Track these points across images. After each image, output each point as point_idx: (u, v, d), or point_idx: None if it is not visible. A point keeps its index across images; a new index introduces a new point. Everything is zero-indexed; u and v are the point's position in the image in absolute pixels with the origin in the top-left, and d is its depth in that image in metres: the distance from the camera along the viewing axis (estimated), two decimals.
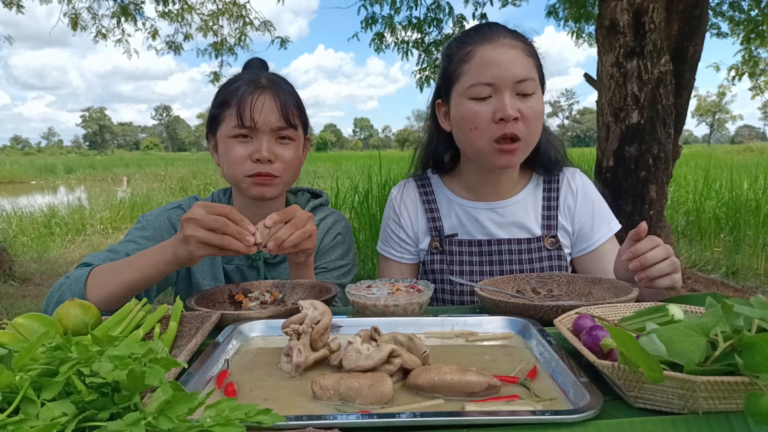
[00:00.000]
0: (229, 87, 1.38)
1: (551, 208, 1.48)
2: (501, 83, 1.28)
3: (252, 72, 1.43)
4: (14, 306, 4.66)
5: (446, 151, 1.54)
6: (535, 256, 1.44)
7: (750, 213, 6.61)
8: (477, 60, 1.31)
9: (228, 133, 1.36)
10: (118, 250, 1.34)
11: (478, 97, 1.30)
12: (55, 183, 23.41)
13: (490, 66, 1.29)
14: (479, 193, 1.48)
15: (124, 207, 9.84)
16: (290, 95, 1.39)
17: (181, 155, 63.66)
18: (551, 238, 1.45)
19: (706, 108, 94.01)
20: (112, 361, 0.58)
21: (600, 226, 1.47)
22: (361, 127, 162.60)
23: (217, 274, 1.44)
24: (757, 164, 12.13)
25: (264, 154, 1.33)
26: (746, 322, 0.67)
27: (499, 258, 1.45)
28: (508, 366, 0.82)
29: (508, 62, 1.28)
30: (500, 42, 1.31)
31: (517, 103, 1.28)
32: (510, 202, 1.47)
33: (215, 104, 1.40)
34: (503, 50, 1.30)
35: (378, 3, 6.47)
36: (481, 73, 1.29)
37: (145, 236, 1.38)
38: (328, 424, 0.61)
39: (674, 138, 3.49)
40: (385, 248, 1.58)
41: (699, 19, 3.59)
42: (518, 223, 1.46)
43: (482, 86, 1.29)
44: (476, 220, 1.48)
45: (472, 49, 1.33)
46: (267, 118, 1.33)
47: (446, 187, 1.54)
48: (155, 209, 1.48)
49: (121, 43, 7.57)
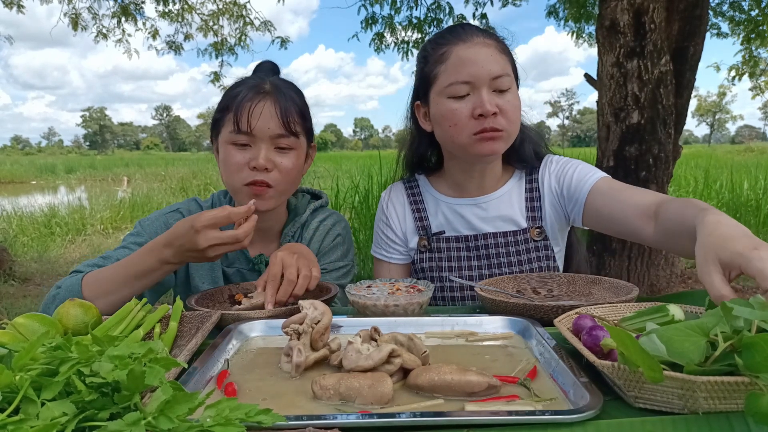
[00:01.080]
0: (232, 91, 1.36)
1: (534, 198, 1.48)
2: (478, 80, 1.30)
3: (257, 76, 1.41)
4: (14, 306, 4.66)
5: (429, 151, 1.57)
6: (522, 248, 1.45)
7: (750, 213, 6.61)
8: (453, 59, 1.33)
9: (226, 138, 1.34)
10: (111, 256, 1.32)
11: (457, 96, 1.32)
12: (56, 183, 23.42)
13: (465, 64, 1.31)
14: (463, 189, 1.50)
15: (125, 207, 9.84)
16: (293, 102, 1.35)
17: (181, 155, 63.65)
18: (537, 228, 1.46)
19: (707, 108, 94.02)
20: (112, 361, 0.58)
21: (583, 173, 1.42)
22: (361, 127, 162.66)
23: (217, 278, 1.43)
24: (757, 164, 12.13)
25: (261, 162, 1.30)
26: (746, 322, 0.67)
27: (486, 252, 1.46)
28: (508, 366, 0.82)
29: (484, 60, 1.31)
30: (474, 41, 1.34)
31: (495, 98, 1.31)
32: (494, 196, 1.49)
33: (218, 108, 1.39)
34: (477, 48, 1.33)
35: (378, 3, 6.47)
36: (458, 71, 1.32)
37: (139, 242, 1.35)
38: (328, 424, 0.61)
39: (674, 138, 3.49)
40: (378, 250, 1.60)
41: (699, 19, 3.59)
42: (503, 216, 1.47)
43: (460, 84, 1.31)
44: (461, 216, 1.49)
45: (447, 49, 1.35)
46: (266, 125, 1.30)
47: (432, 187, 1.56)
48: (153, 214, 1.46)
49: (121, 43, 7.58)
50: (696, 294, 1.14)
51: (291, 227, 1.50)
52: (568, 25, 7.72)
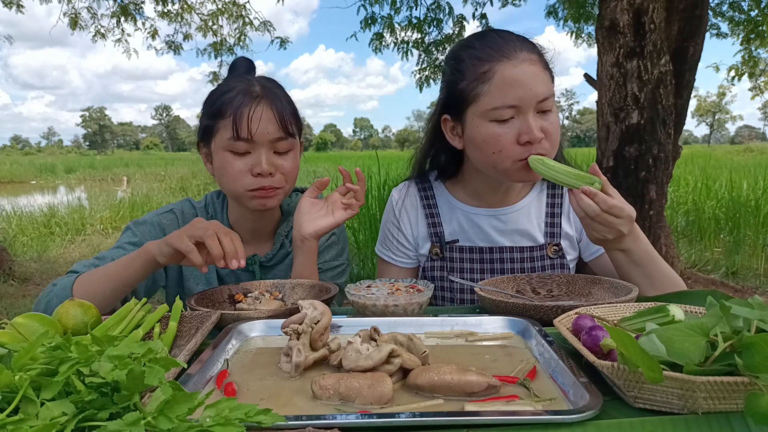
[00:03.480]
0: (223, 96, 1.32)
1: (555, 215, 1.45)
2: (524, 104, 1.22)
3: (243, 78, 1.37)
4: (14, 306, 4.66)
5: (449, 161, 1.49)
6: (537, 264, 1.42)
7: (750, 213, 6.60)
8: (497, 80, 1.23)
9: (223, 145, 1.31)
10: (105, 256, 1.33)
11: (500, 119, 1.24)
12: (55, 183, 23.41)
13: (512, 86, 1.22)
14: (483, 199, 1.45)
15: (124, 207, 9.83)
16: (286, 103, 1.34)
17: (181, 155, 63.59)
18: (554, 246, 1.43)
19: (706, 108, 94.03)
20: (112, 360, 0.58)
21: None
22: (361, 127, 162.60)
23: (211, 279, 1.43)
24: (757, 165, 12.13)
25: (264, 168, 1.29)
26: (746, 322, 0.67)
27: (501, 266, 1.42)
28: (508, 366, 0.82)
29: (531, 81, 1.23)
30: (519, 58, 1.24)
31: (540, 121, 1.24)
32: (513, 209, 1.44)
33: (207, 114, 1.34)
34: (524, 67, 1.23)
35: (378, 3, 6.47)
36: (505, 95, 1.23)
37: (133, 242, 1.36)
38: (327, 424, 0.61)
39: (674, 138, 3.49)
40: (384, 251, 1.57)
41: (699, 19, 3.59)
42: (521, 230, 1.43)
43: (506, 109, 1.23)
44: (478, 227, 1.45)
45: (490, 67, 1.25)
46: (265, 130, 1.29)
47: (449, 192, 1.50)
48: (147, 214, 1.46)
49: (120, 42, 7.58)
50: (696, 294, 1.14)
51: (284, 227, 1.50)
52: (568, 25, 7.73)
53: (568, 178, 1.18)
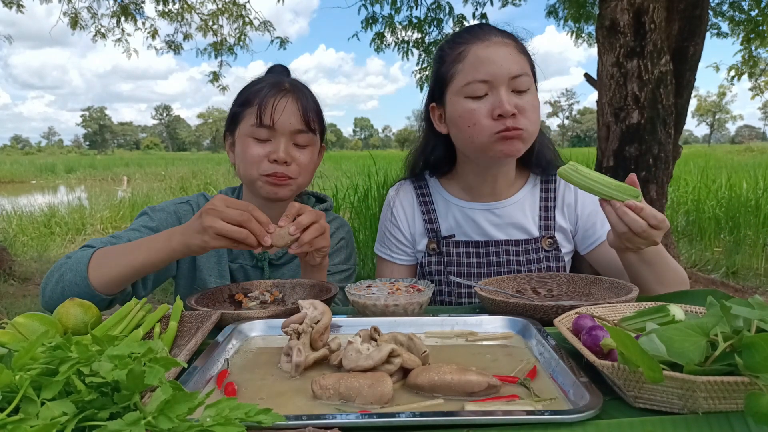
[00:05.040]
0: (252, 87, 1.40)
1: (549, 208, 1.47)
2: (496, 79, 1.28)
3: (275, 76, 1.46)
4: (14, 305, 4.66)
5: (442, 154, 1.51)
6: (532, 257, 1.43)
7: (750, 213, 6.61)
8: (470, 58, 1.31)
9: (246, 131, 1.37)
10: (121, 236, 1.33)
11: (474, 95, 1.29)
12: (55, 182, 23.42)
13: (484, 63, 1.29)
14: (476, 193, 1.48)
15: (124, 207, 9.83)
16: (311, 101, 1.41)
17: (181, 155, 63.66)
18: (549, 239, 1.45)
19: (706, 108, 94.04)
20: (112, 360, 0.58)
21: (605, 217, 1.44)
22: (361, 127, 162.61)
23: (224, 272, 1.45)
24: (757, 164, 12.12)
25: (281, 155, 1.33)
26: (746, 322, 0.67)
27: (497, 259, 1.44)
28: (508, 366, 0.82)
29: (502, 59, 1.28)
30: (492, 40, 1.31)
31: (514, 98, 1.28)
32: (507, 203, 1.46)
33: (237, 103, 1.41)
34: (496, 48, 1.30)
35: (378, 3, 6.47)
36: (476, 70, 1.29)
37: (150, 227, 1.37)
38: (327, 423, 0.61)
39: (674, 138, 3.49)
40: (382, 249, 1.58)
41: (699, 19, 3.59)
42: (516, 224, 1.46)
43: (478, 84, 1.29)
44: (473, 221, 1.47)
45: (464, 48, 1.33)
46: (287, 120, 1.34)
47: (444, 189, 1.53)
48: (163, 203, 1.48)
49: (120, 42, 7.58)
50: (696, 294, 1.14)
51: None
52: (568, 25, 7.72)
53: (609, 189, 1.10)
